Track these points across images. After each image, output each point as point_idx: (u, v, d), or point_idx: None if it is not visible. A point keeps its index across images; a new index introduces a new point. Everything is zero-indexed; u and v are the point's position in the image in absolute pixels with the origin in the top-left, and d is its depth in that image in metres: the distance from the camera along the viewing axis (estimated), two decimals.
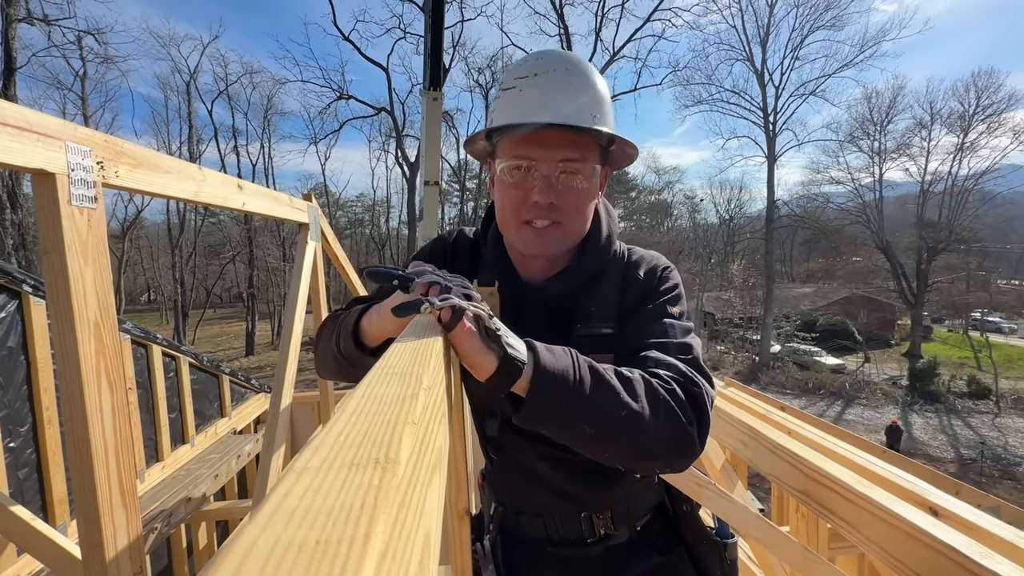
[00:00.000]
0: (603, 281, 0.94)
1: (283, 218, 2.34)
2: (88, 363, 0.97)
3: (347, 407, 0.27)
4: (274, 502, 0.17)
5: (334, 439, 0.23)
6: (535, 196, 0.84)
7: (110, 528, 1.02)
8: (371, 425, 0.25)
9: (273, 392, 2.26)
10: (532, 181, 0.85)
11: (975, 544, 0.78)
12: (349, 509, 0.17)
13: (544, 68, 0.85)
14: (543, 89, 0.84)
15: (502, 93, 0.89)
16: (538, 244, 0.88)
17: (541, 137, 0.84)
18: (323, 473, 0.20)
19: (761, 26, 27.60)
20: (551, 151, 0.84)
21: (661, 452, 0.72)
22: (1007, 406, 19.87)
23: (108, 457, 1.01)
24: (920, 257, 26.08)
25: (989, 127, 26.08)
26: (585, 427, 0.67)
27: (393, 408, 0.27)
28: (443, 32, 4.75)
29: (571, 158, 0.85)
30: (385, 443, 0.22)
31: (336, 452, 0.22)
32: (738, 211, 39.32)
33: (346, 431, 0.24)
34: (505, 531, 1.07)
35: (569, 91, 0.84)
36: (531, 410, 0.65)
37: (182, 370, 3.77)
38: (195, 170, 1.43)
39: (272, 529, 0.15)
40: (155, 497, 3.02)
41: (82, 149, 0.98)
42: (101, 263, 1.03)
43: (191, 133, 29.59)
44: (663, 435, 0.70)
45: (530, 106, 0.84)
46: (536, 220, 0.86)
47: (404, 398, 0.29)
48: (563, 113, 0.82)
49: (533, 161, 0.85)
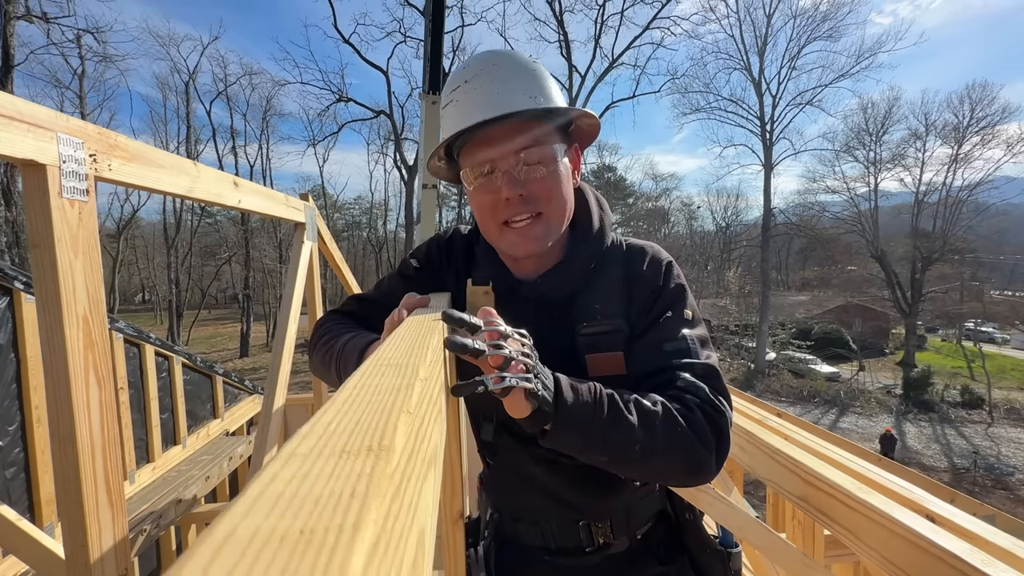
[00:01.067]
0: (603, 275, 0.92)
1: (279, 217, 2.32)
2: (76, 358, 0.95)
3: (339, 397, 0.26)
4: (257, 488, 0.16)
5: (324, 427, 0.21)
6: (504, 193, 0.83)
7: (95, 528, 0.99)
8: (364, 413, 0.23)
9: (266, 393, 2.23)
10: (496, 181, 0.84)
11: (977, 551, 0.77)
12: (339, 497, 0.15)
13: (471, 73, 0.85)
14: (475, 92, 0.83)
15: (443, 111, 0.89)
16: (523, 243, 0.86)
17: (489, 136, 0.83)
18: (311, 460, 0.18)
19: (759, 36, 27.88)
20: (502, 146, 0.83)
21: (674, 476, 0.79)
22: (1000, 416, 19.95)
23: (95, 455, 0.99)
24: (914, 267, 26.23)
25: (983, 139, 26.34)
26: (601, 458, 0.73)
27: (388, 397, 0.26)
28: (443, 36, 4.77)
29: (526, 146, 0.83)
30: (379, 431, 0.21)
31: (327, 440, 0.20)
32: (735, 219, 39.55)
33: (337, 419, 0.22)
34: (501, 538, 1.05)
35: (499, 82, 0.83)
36: (552, 441, 0.71)
37: (175, 370, 3.73)
38: (190, 165, 1.42)
39: (253, 517, 0.14)
40: (145, 498, 2.98)
41: (74, 141, 0.97)
42: (92, 257, 1.01)
43: (189, 133, 29.55)
44: (678, 462, 0.74)
45: (468, 111, 0.83)
46: (514, 219, 0.85)
47: (399, 388, 0.27)
48: (500, 104, 0.81)
49: (490, 161, 0.84)
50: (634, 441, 0.71)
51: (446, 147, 0.90)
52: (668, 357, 0.82)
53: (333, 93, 29.62)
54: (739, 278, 29.65)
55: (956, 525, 0.98)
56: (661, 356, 0.82)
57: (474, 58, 0.88)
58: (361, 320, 1.01)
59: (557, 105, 0.85)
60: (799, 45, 28.09)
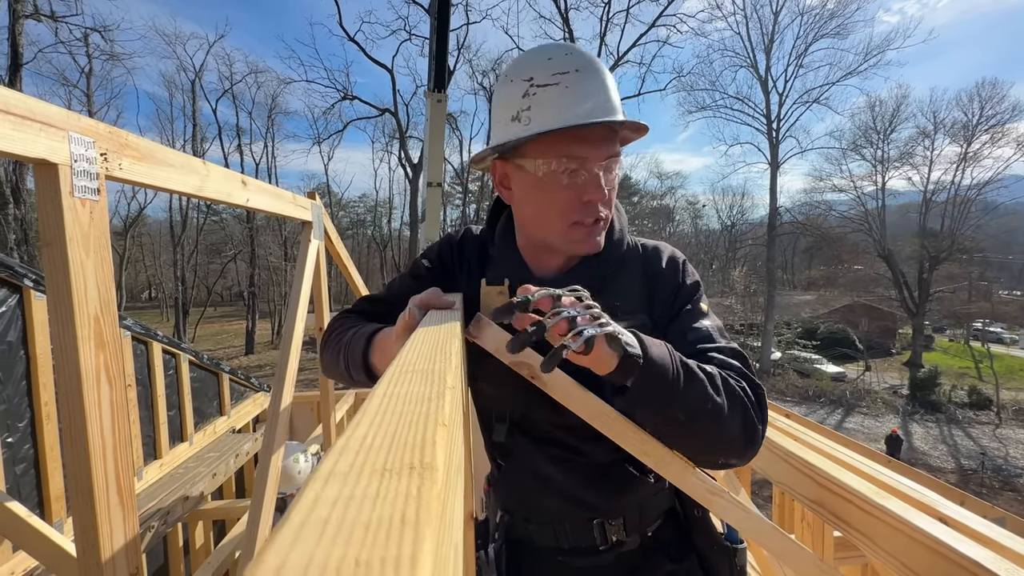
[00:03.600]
0: (622, 274, 0.93)
1: (286, 216, 2.32)
2: (87, 358, 0.95)
3: (368, 408, 0.25)
4: (301, 513, 0.15)
5: (360, 441, 0.20)
6: (590, 195, 0.83)
7: (106, 527, 0.99)
8: (399, 426, 0.22)
9: (273, 391, 2.24)
10: (581, 180, 0.82)
11: (1000, 559, 0.75)
12: (389, 523, 0.14)
13: (578, 63, 0.81)
14: (589, 84, 0.81)
15: (539, 90, 0.81)
16: (588, 241, 0.87)
17: (592, 135, 0.81)
18: (353, 479, 0.17)
19: (765, 33, 27.69)
20: (599, 148, 0.82)
21: (736, 444, 0.77)
22: (1008, 417, 19.79)
23: (106, 454, 0.99)
24: (922, 266, 26.03)
25: (992, 137, 26.09)
26: (679, 414, 0.71)
27: (420, 408, 0.25)
28: (448, 34, 4.74)
29: (614, 153, 0.84)
30: (419, 446, 0.20)
31: (365, 456, 0.19)
32: (740, 217, 39.38)
33: (372, 432, 0.22)
34: (511, 539, 1.04)
35: (611, 83, 0.84)
36: (635, 399, 0.70)
37: (182, 368, 3.75)
38: (199, 164, 1.41)
39: (302, 547, 0.13)
40: (152, 495, 2.99)
41: (86, 140, 0.96)
42: (103, 256, 1.01)
43: (195, 131, 29.66)
44: (739, 427, 0.74)
45: (580, 101, 0.80)
46: (586, 220, 0.85)
47: (430, 397, 0.27)
48: (616, 107, 0.82)
49: (583, 159, 0.82)
50: (707, 398, 0.70)
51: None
52: (694, 344, 0.83)
53: (338, 91, 29.71)
54: (744, 277, 29.51)
55: (969, 528, 0.96)
56: (687, 344, 0.83)
57: (567, 47, 0.85)
58: (373, 320, 1.00)
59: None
60: (806, 43, 27.89)
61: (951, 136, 27.22)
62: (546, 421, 0.92)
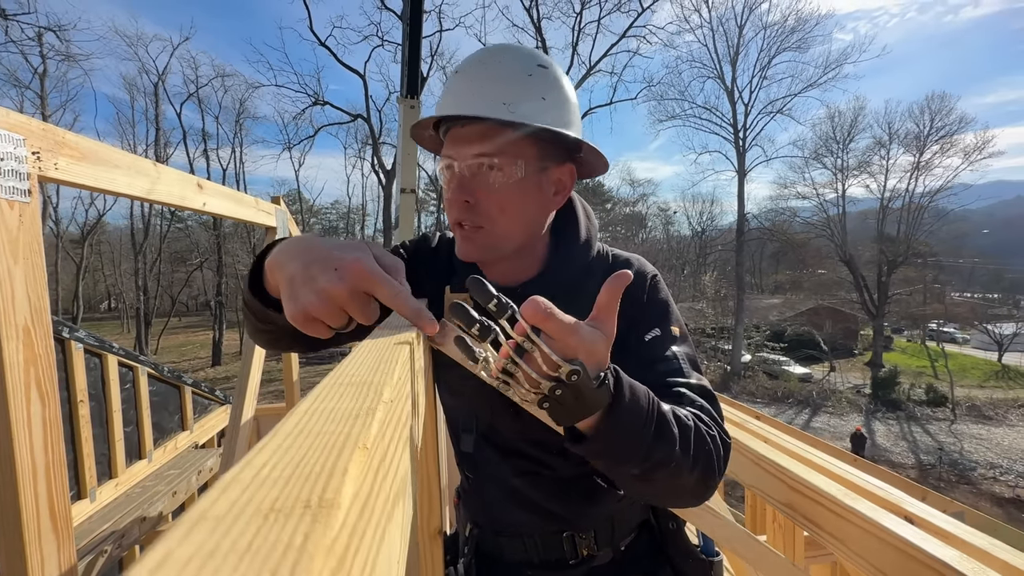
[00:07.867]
0: (588, 286, 0.87)
1: (249, 221, 2.23)
2: (15, 372, 0.87)
3: (281, 428, 0.21)
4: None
5: (254, 472, 0.17)
6: (448, 194, 0.79)
7: (36, 558, 0.90)
8: (309, 451, 0.19)
9: (234, 403, 2.14)
10: (448, 179, 0.80)
11: (966, 558, 0.76)
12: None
13: (469, 63, 0.80)
14: (460, 84, 0.79)
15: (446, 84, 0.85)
16: (463, 246, 0.82)
17: (457, 134, 0.79)
18: (227, 525, 0.13)
19: (731, 46, 28.59)
20: (464, 147, 0.78)
21: (687, 498, 0.70)
22: (962, 413, 20.76)
23: (36, 477, 0.91)
24: (880, 270, 27.15)
25: (942, 147, 27.57)
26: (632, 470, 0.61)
27: (341, 427, 0.21)
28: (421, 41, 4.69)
29: (484, 152, 0.76)
30: (323, 477, 0.16)
31: (254, 491, 0.15)
32: (710, 224, 40.35)
33: (273, 460, 0.18)
34: (482, 553, 1.00)
35: (483, 82, 0.77)
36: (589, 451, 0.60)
37: (140, 381, 3.56)
38: (149, 166, 1.33)
39: None
40: (106, 517, 2.81)
41: (14, 137, 0.89)
42: (35, 263, 0.93)
43: (158, 136, 28.67)
44: (695, 482, 0.66)
45: (446, 101, 0.79)
46: (464, 222, 0.80)
47: (357, 415, 0.23)
48: (470, 104, 0.76)
49: (450, 158, 0.79)
50: (672, 458, 0.62)
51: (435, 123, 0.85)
52: (663, 376, 0.77)
53: (309, 96, 29.19)
54: (715, 282, 30.21)
55: (934, 526, 0.97)
56: (655, 375, 0.77)
57: (485, 48, 0.83)
58: None
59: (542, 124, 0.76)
60: (769, 55, 28.91)
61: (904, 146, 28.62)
62: (512, 431, 0.89)
